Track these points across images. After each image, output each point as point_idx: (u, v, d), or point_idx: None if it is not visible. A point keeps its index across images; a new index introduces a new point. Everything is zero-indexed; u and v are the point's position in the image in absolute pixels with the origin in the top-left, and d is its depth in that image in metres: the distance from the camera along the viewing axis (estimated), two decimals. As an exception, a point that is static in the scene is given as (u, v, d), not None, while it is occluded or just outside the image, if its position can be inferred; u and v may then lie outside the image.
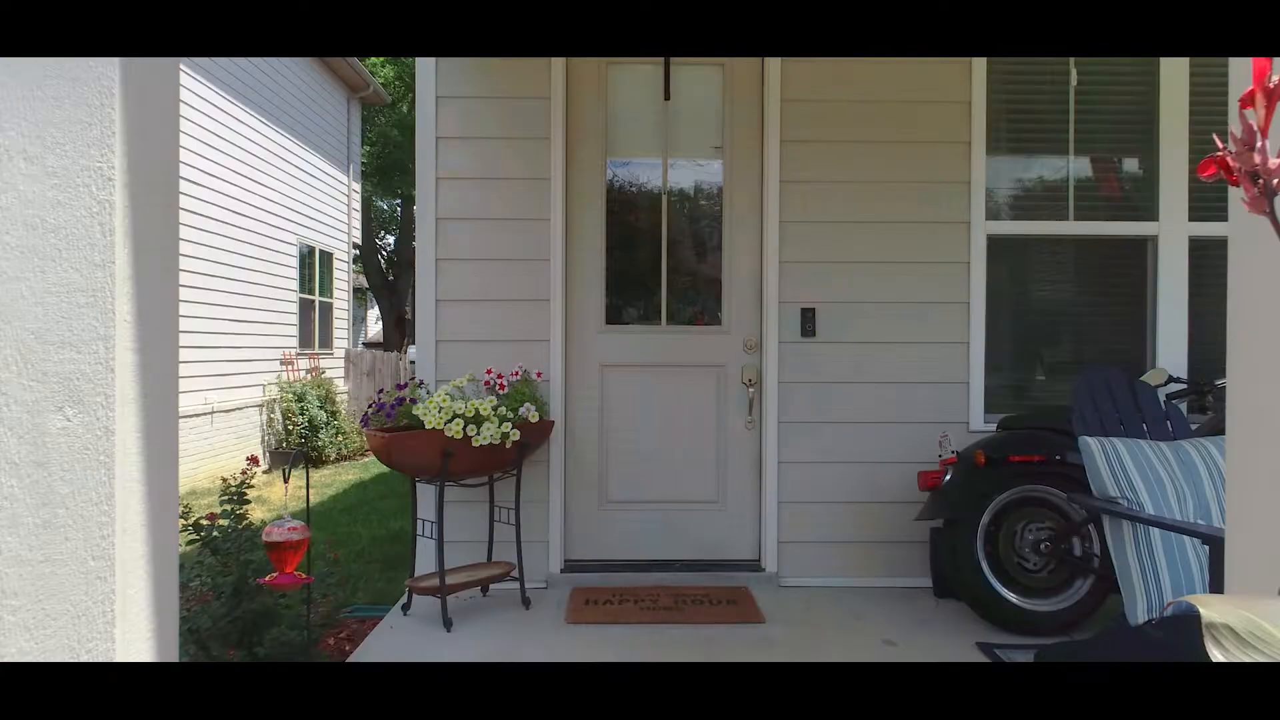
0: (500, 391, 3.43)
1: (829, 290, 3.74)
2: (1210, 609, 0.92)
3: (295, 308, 11.19)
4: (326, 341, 12.24)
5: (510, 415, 3.26)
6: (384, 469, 9.14)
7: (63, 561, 1.18)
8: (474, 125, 3.71)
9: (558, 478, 3.74)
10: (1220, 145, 0.82)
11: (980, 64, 3.75)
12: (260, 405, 10.16)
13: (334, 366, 12.16)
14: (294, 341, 11.09)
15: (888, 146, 3.73)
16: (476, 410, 3.15)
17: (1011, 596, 3.13)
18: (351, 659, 2.96)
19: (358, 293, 19.93)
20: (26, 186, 1.18)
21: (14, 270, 1.18)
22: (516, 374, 3.53)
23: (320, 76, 12.14)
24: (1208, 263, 3.75)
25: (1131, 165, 3.99)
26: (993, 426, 3.57)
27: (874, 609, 3.43)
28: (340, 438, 10.43)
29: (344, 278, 13.15)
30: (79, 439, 1.19)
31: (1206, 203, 3.79)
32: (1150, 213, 3.82)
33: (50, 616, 1.18)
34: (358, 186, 14.20)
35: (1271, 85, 0.82)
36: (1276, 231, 0.82)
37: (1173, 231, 3.78)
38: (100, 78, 1.19)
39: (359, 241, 14.95)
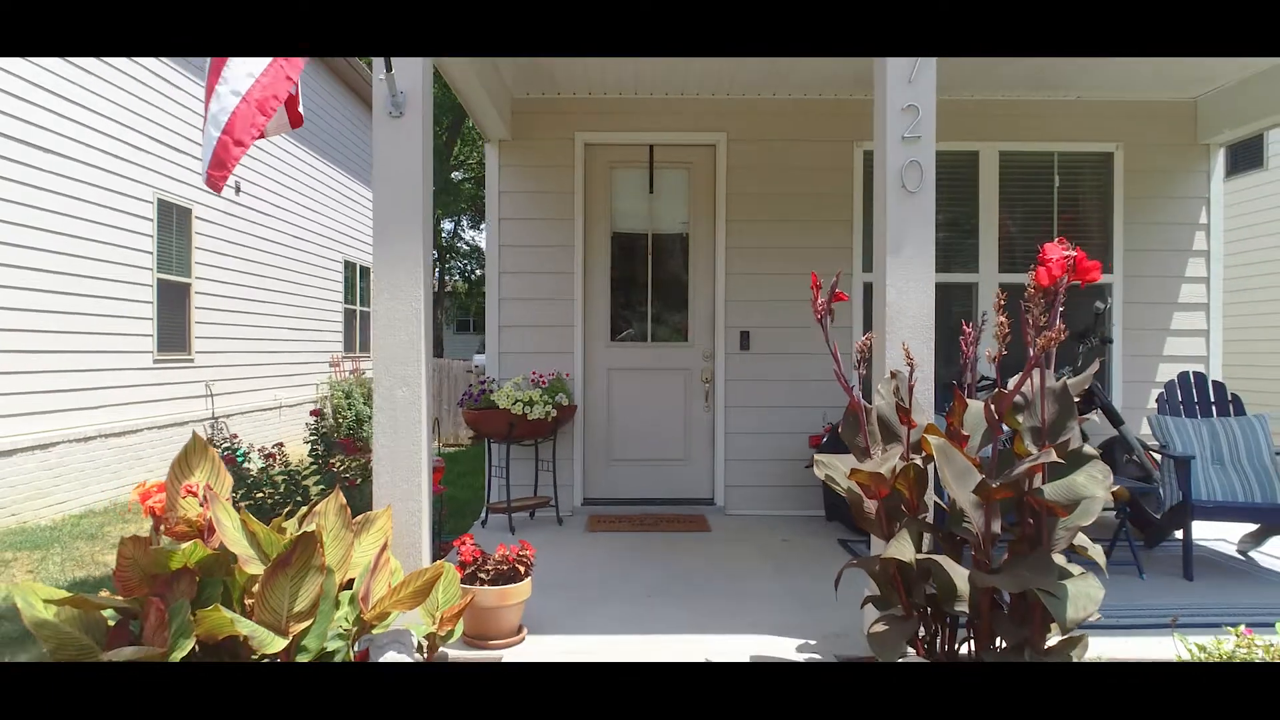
0: (542, 385, 5.31)
1: (759, 319, 5.62)
2: (819, 458, 2.89)
3: (340, 317, 13.09)
4: (366, 346, 14.12)
5: (550, 401, 5.13)
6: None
7: (401, 447, 3.07)
8: (523, 210, 5.60)
9: (579, 442, 5.63)
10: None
11: (859, 172, 5.62)
12: (315, 401, 12.05)
13: (372, 368, 13.99)
14: (340, 346, 12.99)
15: (799, 224, 5.62)
16: (530, 397, 5.03)
17: (864, 513, 5.00)
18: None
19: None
20: (388, 304, 3.07)
21: (382, 334, 3.07)
22: (552, 374, 5.42)
23: (359, 110, 13.94)
24: (1013, 299, 5.60)
25: (962, 230, 5.86)
26: (864, 408, 5.45)
27: (784, 526, 5.32)
28: (382, 429, 12.27)
29: (379, 289, 14.98)
30: (408, 399, 3.07)
31: (1014, 258, 5.67)
32: (972, 265, 5.70)
33: (397, 469, 3.07)
34: (389, 208, 16.03)
35: (818, 282, 2.74)
36: (825, 338, 2.74)
37: (989, 278, 5.65)
38: (415, 256, 3.07)
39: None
